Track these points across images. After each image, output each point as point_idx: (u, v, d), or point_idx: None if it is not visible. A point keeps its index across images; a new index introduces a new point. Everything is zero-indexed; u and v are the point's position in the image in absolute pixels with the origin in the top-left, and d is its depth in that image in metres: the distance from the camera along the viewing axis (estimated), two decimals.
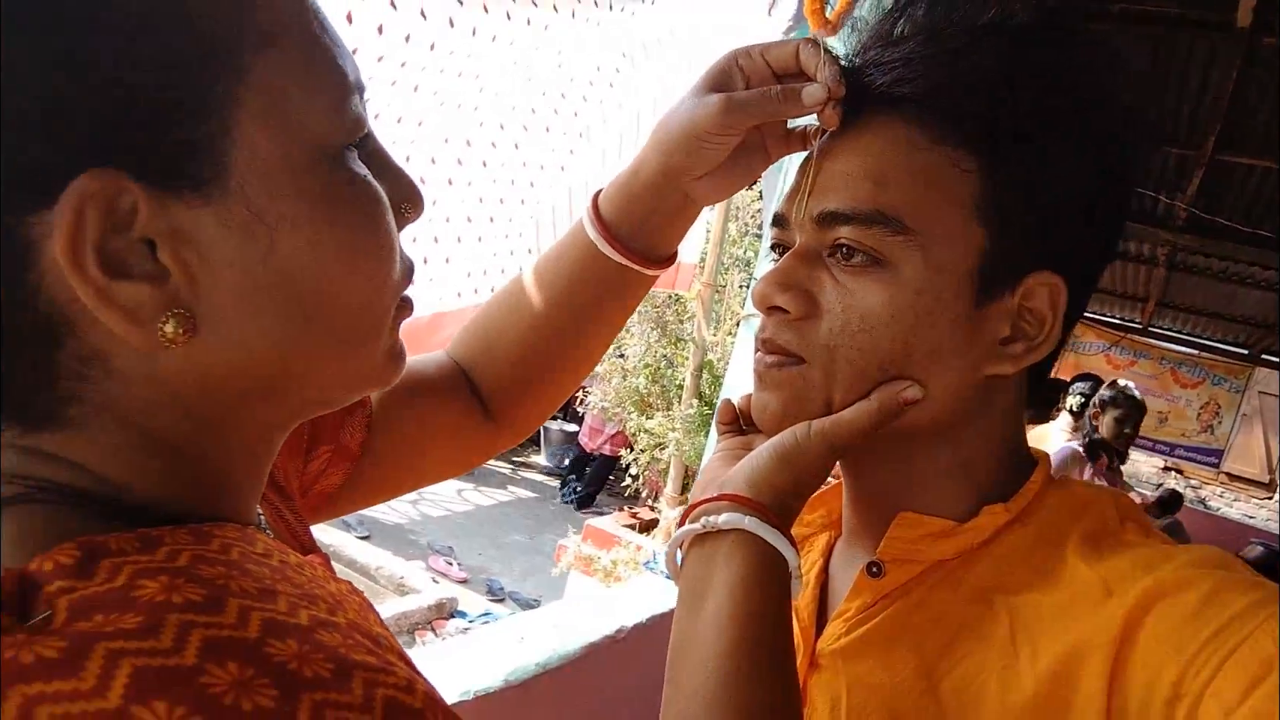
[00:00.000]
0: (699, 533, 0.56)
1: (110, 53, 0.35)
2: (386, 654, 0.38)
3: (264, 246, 0.39)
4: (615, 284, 0.74)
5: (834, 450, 0.58)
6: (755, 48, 0.64)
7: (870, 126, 0.59)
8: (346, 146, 0.42)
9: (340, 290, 0.42)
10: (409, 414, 0.76)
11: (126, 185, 0.35)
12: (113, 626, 0.31)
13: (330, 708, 0.32)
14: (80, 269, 0.35)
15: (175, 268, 0.37)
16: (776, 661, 0.52)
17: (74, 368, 0.38)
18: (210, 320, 0.39)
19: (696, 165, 0.66)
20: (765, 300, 0.60)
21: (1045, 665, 0.51)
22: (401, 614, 4.42)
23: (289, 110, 0.39)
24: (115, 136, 0.35)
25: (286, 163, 0.39)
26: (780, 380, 0.61)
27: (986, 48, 0.57)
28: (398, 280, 0.46)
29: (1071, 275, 0.59)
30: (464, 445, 0.81)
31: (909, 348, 0.57)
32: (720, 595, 0.53)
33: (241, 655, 0.32)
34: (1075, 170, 0.57)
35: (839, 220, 0.57)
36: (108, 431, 0.39)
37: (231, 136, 0.37)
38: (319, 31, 0.41)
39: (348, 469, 0.71)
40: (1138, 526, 0.58)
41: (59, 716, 0.28)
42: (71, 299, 0.36)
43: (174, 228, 0.37)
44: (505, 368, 0.79)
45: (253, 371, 0.41)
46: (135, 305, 0.36)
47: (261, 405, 0.44)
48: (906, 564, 0.61)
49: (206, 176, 0.37)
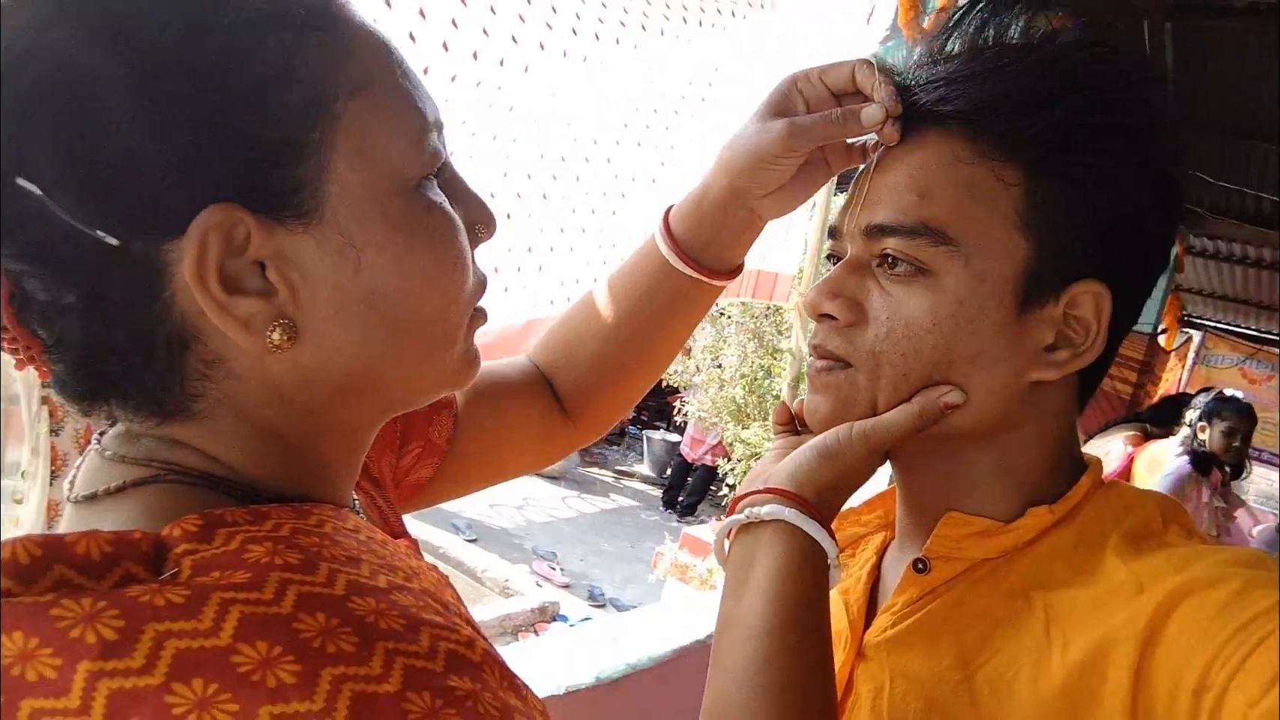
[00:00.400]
0: (744, 523, 0.60)
1: (233, 108, 0.41)
2: (454, 618, 0.43)
3: (353, 266, 0.45)
4: (685, 294, 0.79)
5: (874, 450, 0.60)
6: (813, 71, 0.68)
7: (917, 142, 0.61)
8: (425, 177, 0.48)
9: (419, 303, 0.48)
10: (491, 414, 0.82)
11: (242, 217, 0.42)
12: (226, 580, 0.37)
13: (400, 655, 0.37)
14: (205, 287, 0.41)
15: (281, 285, 0.44)
16: (810, 642, 0.55)
17: (199, 369, 0.45)
18: (310, 329, 0.45)
19: (762, 185, 0.70)
20: (815, 308, 0.63)
21: (1075, 656, 0.53)
22: (505, 615, 4.56)
23: (375, 149, 0.45)
24: (233, 176, 0.41)
25: (372, 194, 0.45)
26: (829, 384, 0.64)
27: (1026, 66, 0.59)
28: (470, 293, 0.52)
29: (1118, 284, 0.60)
30: (542, 442, 0.87)
31: (951, 353, 0.59)
32: (760, 580, 0.57)
33: (328, 608, 0.37)
34: (1116, 182, 0.58)
35: (885, 232, 0.60)
36: (226, 423, 0.46)
37: (327, 173, 0.44)
38: (401, 80, 0.47)
39: (436, 463, 0.78)
40: (1181, 529, 0.58)
41: (181, 649, 0.34)
42: (197, 312, 0.43)
43: (280, 251, 0.43)
44: (583, 371, 0.85)
45: (346, 372, 0.47)
46: (249, 317, 0.43)
47: (354, 402, 0.50)
48: (951, 561, 0.63)
49: (307, 208, 0.43)
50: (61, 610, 0.35)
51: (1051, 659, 0.54)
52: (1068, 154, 0.58)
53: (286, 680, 0.34)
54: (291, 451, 0.48)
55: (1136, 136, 0.59)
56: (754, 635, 0.55)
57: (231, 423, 0.46)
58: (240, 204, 0.41)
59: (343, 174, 0.44)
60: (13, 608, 0.35)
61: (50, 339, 0.44)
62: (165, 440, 0.46)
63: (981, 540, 0.62)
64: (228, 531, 0.40)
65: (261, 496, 0.46)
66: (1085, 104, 0.58)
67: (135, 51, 0.39)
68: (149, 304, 0.43)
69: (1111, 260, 0.59)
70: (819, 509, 0.59)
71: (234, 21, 0.41)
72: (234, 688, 0.34)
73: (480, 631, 0.46)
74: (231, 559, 0.38)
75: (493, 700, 0.38)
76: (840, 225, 0.65)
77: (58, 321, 0.43)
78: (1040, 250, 0.58)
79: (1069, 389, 0.64)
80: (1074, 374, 0.62)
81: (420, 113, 0.48)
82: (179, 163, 0.40)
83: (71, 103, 0.39)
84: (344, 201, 0.44)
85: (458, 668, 0.38)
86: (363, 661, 0.36)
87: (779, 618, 0.55)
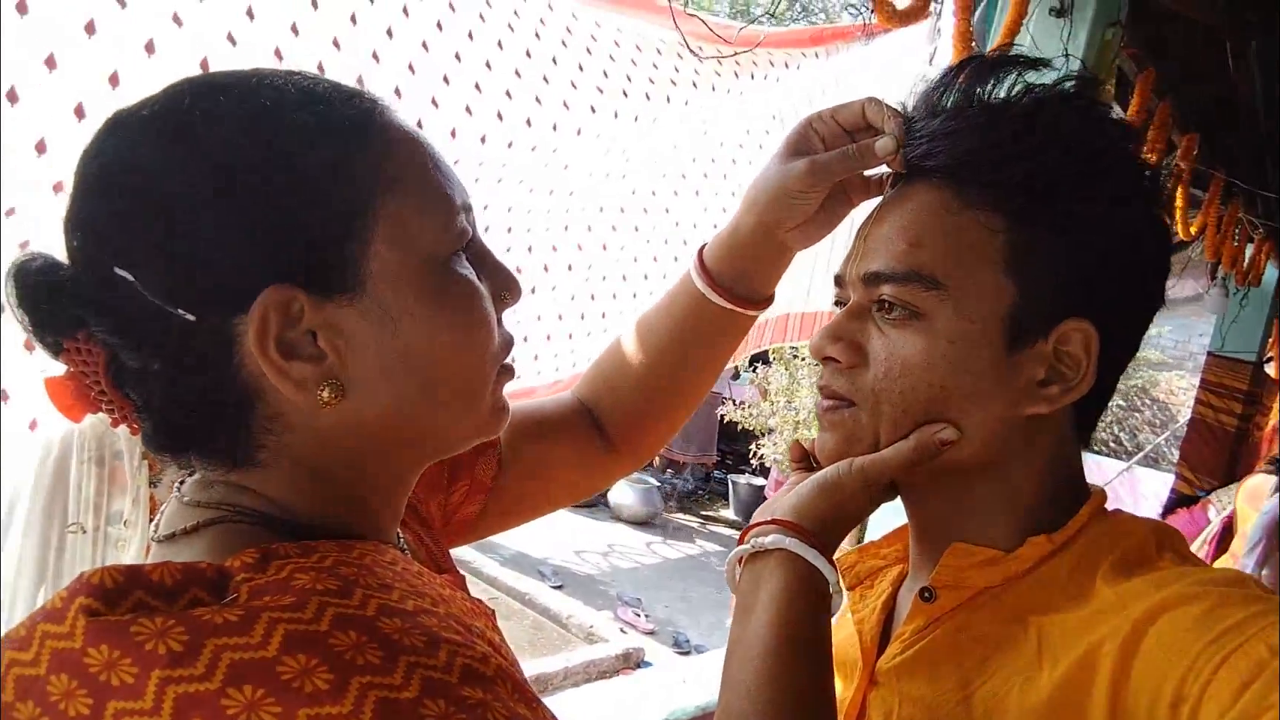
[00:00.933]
0: (751, 552, 0.64)
1: (289, 205, 0.49)
2: (474, 638, 0.48)
3: (391, 333, 0.52)
4: (721, 325, 0.85)
5: (871, 484, 0.64)
6: (825, 111, 0.74)
7: (909, 194, 0.66)
8: (454, 253, 0.55)
9: (449, 363, 0.55)
10: (533, 450, 0.89)
11: (296, 294, 0.49)
12: (275, 603, 0.43)
13: (420, 667, 0.42)
14: (266, 354, 0.49)
15: (330, 351, 0.51)
16: (810, 661, 0.59)
17: (262, 424, 0.52)
18: (355, 387, 0.52)
19: (790, 219, 0.76)
20: (819, 351, 0.68)
21: (1061, 673, 0.55)
22: (589, 662, 4.58)
23: (410, 232, 0.52)
24: (289, 261, 0.49)
25: (408, 270, 0.52)
26: (835, 422, 0.68)
27: (1005, 120, 0.63)
28: (496, 353, 0.58)
29: (1106, 322, 0.62)
30: (586, 473, 0.94)
31: (946, 391, 0.63)
32: (764, 605, 0.61)
33: (359, 626, 0.43)
34: (1097, 227, 0.61)
35: (880, 279, 0.64)
36: (284, 470, 0.53)
37: (369, 255, 0.51)
38: (432, 172, 0.55)
39: (483, 499, 0.85)
40: (1175, 556, 0.59)
41: (235, 660, 0.40)
42: (260, 375, 0.50)
43: (329, 322, 0.50)
44: (626, 402, 0.91)
45: (387, 424, 0.54)
46: (303, 378, 0.50)
47: (395, 450, 0.57)
48: (957, 590, 0.65)
49: (351, 285, 0.51)
50: (139, 627, 0.41)
51: (1040, 679, 0.56)
52: (1048, 202, 0.61)
53: (321, 687, 0.40)
54: (340, 494, 0.55)
55: (1114, 182, 0.62)
56: (758, 656, 0.59)
57: (289, 469, 0.53)
58: (295, 283, 0.49)
59: (382, 254, 0.51)
60: (100, 625, 0.42)
61: (140, 400, 0.52)
62: (234, 486, 0.53)
63: (984, 569, 0.64)
64: (280, 563, 0.46)
65: (314, 534, 0.52)
66: (1062, 154, 0.61)
67: (210, 163, 0.48)
68: (220, 369, 0.50)
69: (1098, 300, 0.62)
70: (819, 538, 0.63)
71: (290, 133, 0.50)
72: (278, 693, 0.39)
73: (502, 652, 0.52)
74: (281, 585, 0.44)
75: (502, 709, 0.43)
76: (843, 273, 0.70)
77: (146, 385, 0.51)
78: (1026, 292, 0.62)
79: (1066, 421, 0.66)
80: (1070, 407, 0.64)
81: (449, 199, 0.55)
82: (245, 252, 0.48)
83: (160, 206, 0.48)
84: (383, 278, 0.51)
85: (471, 680, 0.44)
86: (387, 672, 0.41)
87: (781, 640, 0.59)
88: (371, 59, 1.26)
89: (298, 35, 1.19)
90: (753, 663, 0.59)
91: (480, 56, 1.34)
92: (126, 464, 1.38)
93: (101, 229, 0.49)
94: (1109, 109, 0.64)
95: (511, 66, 1.37)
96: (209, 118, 0.49)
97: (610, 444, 0.93)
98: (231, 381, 0.50)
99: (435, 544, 0.75)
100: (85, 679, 0.41)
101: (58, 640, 0.42)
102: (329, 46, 1.21)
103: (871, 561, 0.79)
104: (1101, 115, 0.64)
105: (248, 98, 0.50)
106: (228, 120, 0.49)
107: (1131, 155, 0.63)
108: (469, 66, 1.31)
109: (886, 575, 0.78)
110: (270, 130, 0.49)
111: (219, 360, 0.50)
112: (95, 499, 1.41)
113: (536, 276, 1.79)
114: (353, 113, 0.52)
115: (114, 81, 1.12)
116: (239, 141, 0.49)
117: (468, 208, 0.57)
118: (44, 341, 0.51)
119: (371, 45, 1.25)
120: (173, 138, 0.49)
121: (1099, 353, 0.62)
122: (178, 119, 0.50)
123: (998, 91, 0.65)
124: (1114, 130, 0.63)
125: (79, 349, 0.50)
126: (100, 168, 0.50)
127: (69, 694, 0.41)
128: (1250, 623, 0.48)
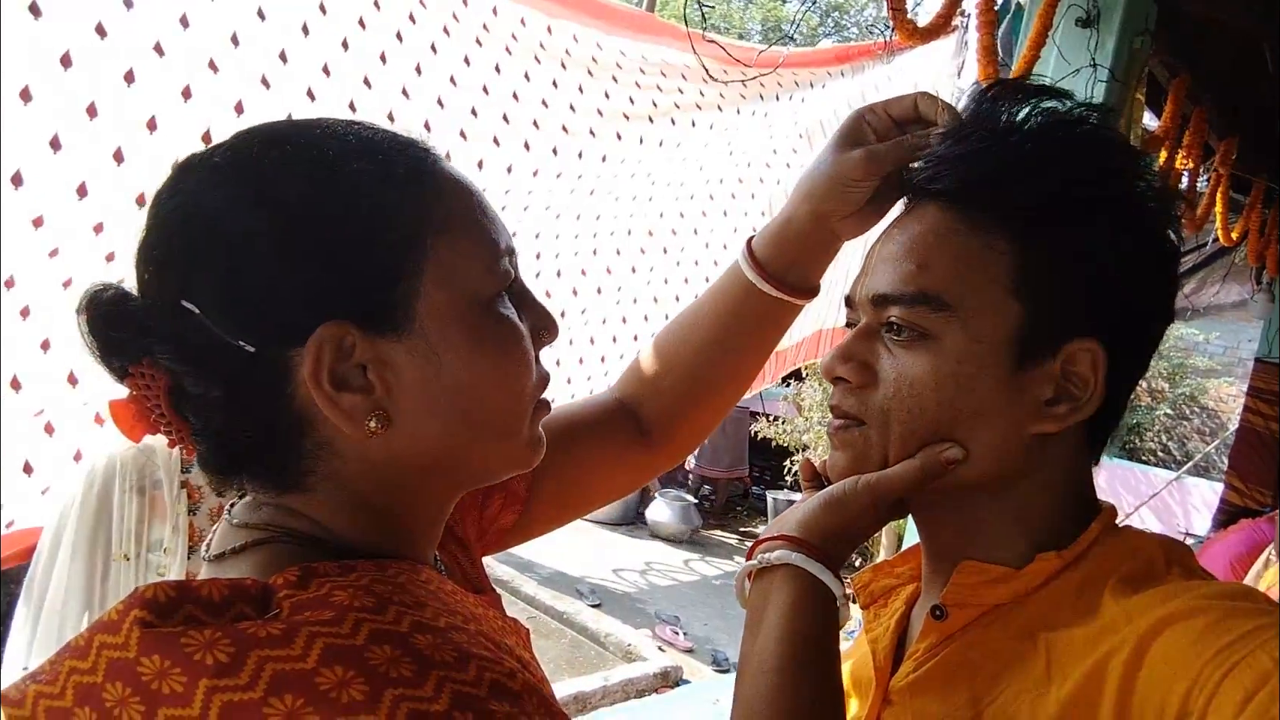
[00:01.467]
0: (758, 567, 0.66)
1: (345, 247, 0.52)
2: (503, 655, 0.49)
3: (436, 368, 0.55)
4: (769, 314, 0.87)
5: (878, 501, 0.65)
6: (878, 104, 0.77)
7: (919, 217, 0.67)
8: (498, 294, 0.58)
9: (489, 398, 0.57)
10: (566, 456, 0.89)
11: (349, 330, 0.52)
12: (315, 618, 0.45)
13: (450, 681, 0.44)
14: (319, 385, 0.51)
15: (378, 384, 0.53)
16: (818, 675, 0.60)
17: (311, 450, 0.55)
18: (400, 418, 0.54)
19: (842, 208, 0.79)
20: (830, 372, 0.69)
21: (1069, 689, 0.56)
22: (628, 680, 4.57)
23: (456, 275, 0.55)
24: (343, 299, 0.52)
25: (453, 310, 0.55)
26: (845, 440, 0.69)
27: (1012, 144, 0.64)
28: (534, 389, 0.61)
29: (1114, 341, 0.63)
30: (623, 472, 0.95)
31: (954, 410, 0.64)
32: (772, 620, 0.62)
33: (394, 641, 0.45)
34: (1103, 248, 0.62)
35: (889, 301, 0.66)
36: (330, 494, 0.56)
37: (418, 294, 0.54)
38: (479, 217, 0.58)
39: (519, 509, 0.86)
40: (1183, 570, 0.60)
41: (277, 671, 0.43)
42: (312, 404, 0.53)
43: (378, 357, 0.53)
44: (670, 397, 0.92)
45: (429, 453, 0.57)
46: (352, 409, 0.53)
47: (435, 478, 0.59)
48: (967, 607, 0.66)
49: (400, 322, 0.54)
50: (188, 639, 0.44)
51: (1049, 695, 0.57)
52: (1053, 224, 0.62)
53: (357, 698, 0.42)
54: (381, 517, 0.58)
55: (1121, 205, 0.63)
56: (767, 670, 0.60)
57: (334, 494, 0.56)
58: (348, 320, 0.52)
59: (430, 294, 0.54)
60: (153, 636, 0.44)
61: (198, 424, 0.55)
62: (282, 508, 0.56)
63: (995, 586, 0.65)
64: (320, 580, 0.49)
65: (355, 554, 0.55)
66: (1069, 177, 0.62)
67: (273, 206, 0.52)
68: (276, 398, 0.53)
69: (1105, 320, 0.63)
70: (825, 553, 0.64)
71: (347, 178, 0.53)
72: (316, 703, 0.42)
73: (531, 669, 0.54)
74: (320, 601, 0.47)
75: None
76: (853, 295, 0.71)
77: (204, 410, 0.54)
78: (1033, 313, 0.62)
79: (1077, 439, 0.67)
80: (1081, 424, 0.65)
81: (495, 243, 0.58)
82: (303, 289, 0.52)
83: (226, 246, 0.52)
84: (430, 316, 0.54)
85: (498, 694, 0.46)
86: (419, 685, 0.43)
87: (789, 654, 0.60)
88: (401, 95, 1.30)
89: (329, 76, 1.23)
90: (762, 677, 0.60)
91: (507, 89, 1.38)
92: (166, 492, 1.44)
93: (172, 264, 0.53)
94: (1115, 131, 0.64)
95: (538, 97, 1.40)
96: (275, 164, 0.53)
97: (649, 439, 0.93)
98: (285, 409, 0.53)
99: (472, 565, 0.77)
100: (138, 686, 0.43)
101: (114, 650, 0.45)
102: (360, 85, 1.26)
103: (885, 580, 0.80)
104: (1108, 138, 0.64)
105: (311, 146, 0.54)
106: (292, 167, 0.53)
107: (1139, 177, 0.64)
108: (496, 99, 1.35)
109: (900, 594, 0.79)
110: (331, 177, 0.53)
111: (274, 389, 0.53)
112: (137, 527, 1.47)
113: (566, 300, 1.82)
114: (408, 161, 0.56)
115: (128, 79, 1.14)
116: (302, 187, 0.52)
117: (511, 251, 0.60)
118: (110, 366, 0.55)
119: (401, 82, 1.30)
120: (241, 182, 0.53)
121: (1107, 371, 0.63)
122: (246, 164, 0.53)
123: (1008, 117, 0.65)
124: (1121, 153, 0.64)
125: (143, 374, 0.54)
126: (174, 208, 0.53)
127: (123, 701, 0.43)
128: (1255, 635, 0.49)
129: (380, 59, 1.23)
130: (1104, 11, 1.99)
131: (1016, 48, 2.15)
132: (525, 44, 1.51)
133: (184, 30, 1.15)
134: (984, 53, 1.96)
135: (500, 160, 1.39)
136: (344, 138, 0.55)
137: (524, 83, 1.42)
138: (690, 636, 5.65)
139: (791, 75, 2.14)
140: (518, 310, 0.60)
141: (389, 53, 1.25)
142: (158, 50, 1.15)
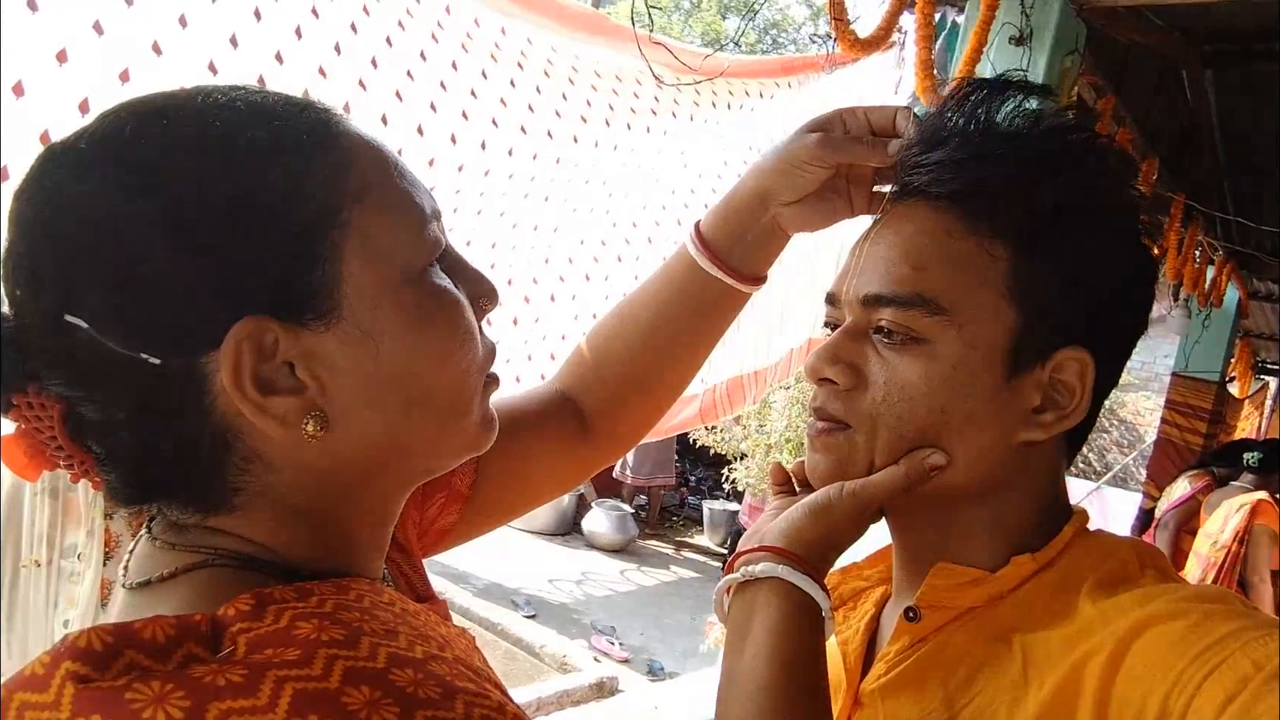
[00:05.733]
0: (741, 581, 0.64)
1: (252, 230, 0.45)
2: (484, 683, 0.45)
3: (373, 355, 0.49)
4: (712, 299, 0.83)
5: (863, 508, 0.64)
6: (860, 108, 0.74)
7: (911, 217, 0.66)
8: (429, 264, 0.52)
9: (435, 378, 0.52)
10: (509, 451, 0.83)
11: (269, 325, 0.45)
12: (279, 658, 0.39)
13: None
14: (242, 392, 0.45)
15: (310, 381, 0.47)
16: (808, 695, 0.58)
17: (239, 465, 0.48)
18: (339, 416, 0.49)
19: (786, 190, 0.76)
20: (816, 373, 0.67)
21: (1048, 691, 0.56)
22: (563, 692, 4.52)
23: (381, 247, 0.49)
24: (258, 290, 0.45)
25: (383, 287, 0.49)
26: (829, 444, 0.67)
27: (1011, 152, 0.64)
28: (480, 363, 0.55)
29: (1100, 350, 0.64)
30: (565, 467, 0.90)
31: (945, 416, 0.63)
32: (759, 637, 0.60)
33: (372, 681, 0.40)
34: (1097, 257, 0.63)
35: (882, 302, 0.64)
36: (264, 511, 0.49)
37: (341, 275, 0.47)
38: (398, 180, 0.51)
39: (460, 508, 0.81)
40: (1157, 573, 0.61)
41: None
42: (235, 414, 0.46)
43: (306, 351, 0.47)
44: (611, 386, 0.88)
45: (375, 450, 0.51)
46: (284, 413, 0.47)
47: (383, 476, 0.53)
48: (941, 610, 0.66)
49: (326, 309, 0.47)
50: (134, 694, 0.37)
51: (1028, 698, 0.57)
52: (1051, 232, 0.62)
53: None
54: (325, 530, 0.52)
55: (1115, 215, 0.63)
56: (755, 691, 0.58)
57: (269, 510, 0.50)
58: (266, 313, 0.45)
59: (355, 273, 0.48)
60: (90, 693, 0.38)
61: (103, 453, 0.48)
62: (210, 529, 0.49)
63: (969, 589, 0.65)
64: (277, 609, 0.43)
65: (300, 574, 0.49)
66: (1066, 186, 0.62)
67: (161, 192, 0.44)
68: (192, 413, 0.47)
69: (1094, 328, 0.63)
70: (811, 564, 0.62)
71: (244, 154, 0.46)
72: None
73: (505, 692, 0.51)
74: (282, 636, 0.41)
75: None
76: (838, 292, 0.69)
77: (110, 437, 0.47)
78: (1027, 319, 0.62)
79: (1057, 447, 0.67)
80: (1061, 433, 0.65)
81: (419, 207, 0.52)
82: (208, 285, 0.45)
83: (110, 243, 0.44)
84: (359, 298, 0.48)
85: None
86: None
87: (778, 673, 0.58)
88: (358, 86, 1.27)
89: (282, 64, 1.19)
90: (752, 698, 0.57)
91: (465, 85, 1.35)
92: (81, 496, 1.36)
93: (46, 274, 0.45)
94: (1110, 138, 0.65)
95: (496, 95, 1.38)
96: (154, 143, 0.45)
97: (590, 432, 0.89)
98: (204, 424, 0.47)
99: (414, 570, 0.72)
100: None
101: (40, 711, 0.38)
102: (315, 75, 1.22)
103: (855, 583, 0.80)
104: (1105, 147, 0.65)
105: (194, 118, 0.47)
106: (175, 144, 0.46)
107: (1133, 186, 0.64)
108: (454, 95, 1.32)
109: (870, 596, 0.78)
110: (221, 151, 0.46)
111: (188, 403, 0.46)
112: (49, 532, 1.38)
113: (518, 309, 1.80)
114: (309, 125, 0.49)
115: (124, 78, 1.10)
116: (189, 166, 0.45)
117: (437, 215, 0.54)
118: None
119: (358, 73, 1.26)
120: (115, 168, 0.45)
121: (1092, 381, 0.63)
122: (119, 147, 0.46)
123: (999, 115, 0.65)
124: (1117, 162, 0.65)
125: (30, 404, 0.47)
126: (38, 207, 0.45)
127: None
128: (1234, 638, 0.49)
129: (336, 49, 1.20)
130: (1036, 30, 2.05)
131: (952, 63, 2.21)
132: (480, 44, 1.49)
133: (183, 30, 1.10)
134: (922, 67, 2.01)
135: (453, 159, 1.37)
136: (231, 105, 0.47)
137: (481, 80, 1.40)
138: (626, 646, 5.63)
139: (742, 84, 2.16)
140: (452, 279, 0.54)
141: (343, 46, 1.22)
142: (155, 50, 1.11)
